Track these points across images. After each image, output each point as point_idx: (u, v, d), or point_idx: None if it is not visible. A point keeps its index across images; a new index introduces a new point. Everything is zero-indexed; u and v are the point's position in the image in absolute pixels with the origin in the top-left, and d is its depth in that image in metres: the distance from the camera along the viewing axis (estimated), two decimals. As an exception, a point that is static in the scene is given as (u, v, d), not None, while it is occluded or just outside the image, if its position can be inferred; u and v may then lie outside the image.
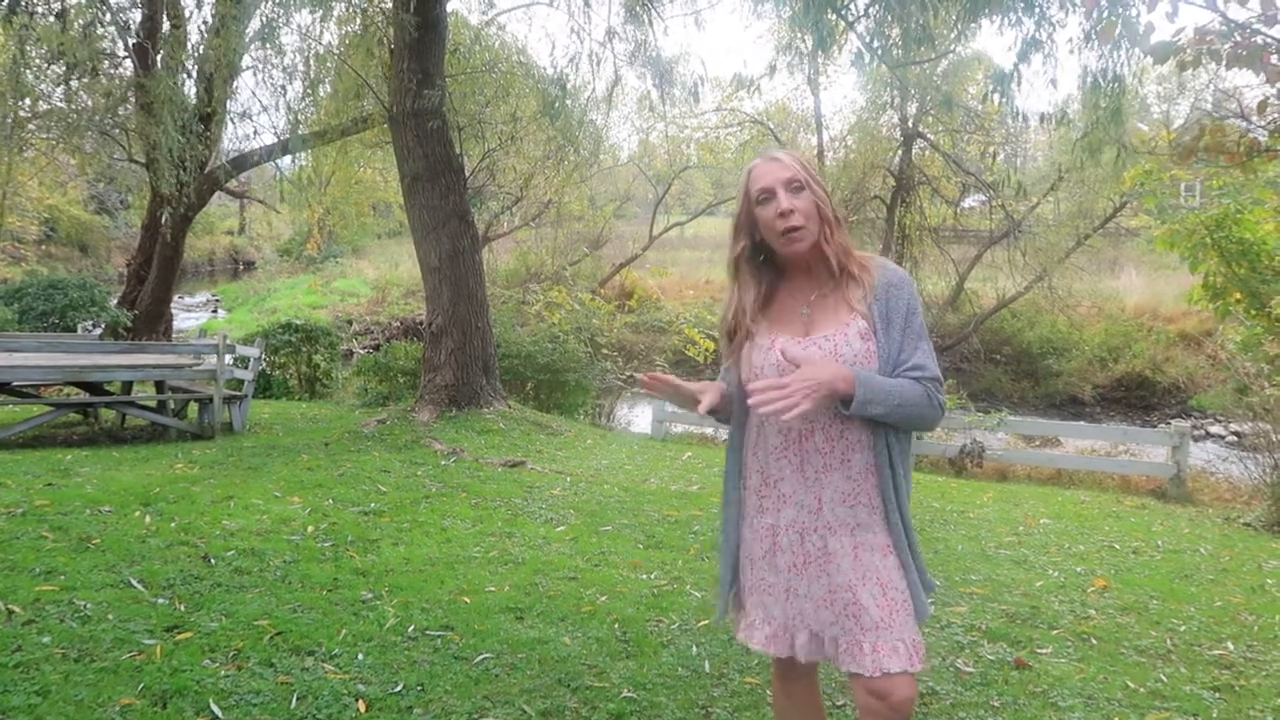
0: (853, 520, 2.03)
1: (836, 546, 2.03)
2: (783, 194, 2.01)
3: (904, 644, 1.96)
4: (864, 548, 2.02)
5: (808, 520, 2.05)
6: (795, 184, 2.01)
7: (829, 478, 2.03)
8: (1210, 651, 3.82)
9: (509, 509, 5.69)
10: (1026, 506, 6.90)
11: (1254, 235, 7.58)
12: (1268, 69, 3.21)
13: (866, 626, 1.98)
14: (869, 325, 2.02)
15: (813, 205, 2.02)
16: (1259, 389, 7.29)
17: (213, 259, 37.54)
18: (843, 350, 2.00)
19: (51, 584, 3.70)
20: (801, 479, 2.05)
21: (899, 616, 1.98)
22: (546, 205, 19.52)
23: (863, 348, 2.00)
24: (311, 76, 9.49)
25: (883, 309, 2.02)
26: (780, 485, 2.08)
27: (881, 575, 2.00)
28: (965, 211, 21.47)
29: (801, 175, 2.02)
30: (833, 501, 2.03)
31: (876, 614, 1.98)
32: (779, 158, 2.06)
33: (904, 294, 2.04)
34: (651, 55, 9.70)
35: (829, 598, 2.03)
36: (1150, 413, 16.46)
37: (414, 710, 2.90)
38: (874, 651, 1.96)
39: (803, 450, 2.05)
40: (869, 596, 1.99)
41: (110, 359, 8.27)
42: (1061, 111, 6.85)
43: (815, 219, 2.02)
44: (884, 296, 2.03)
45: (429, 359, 9.34)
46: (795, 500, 2.06)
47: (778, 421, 2.03)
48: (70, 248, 28.76)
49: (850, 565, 2.01)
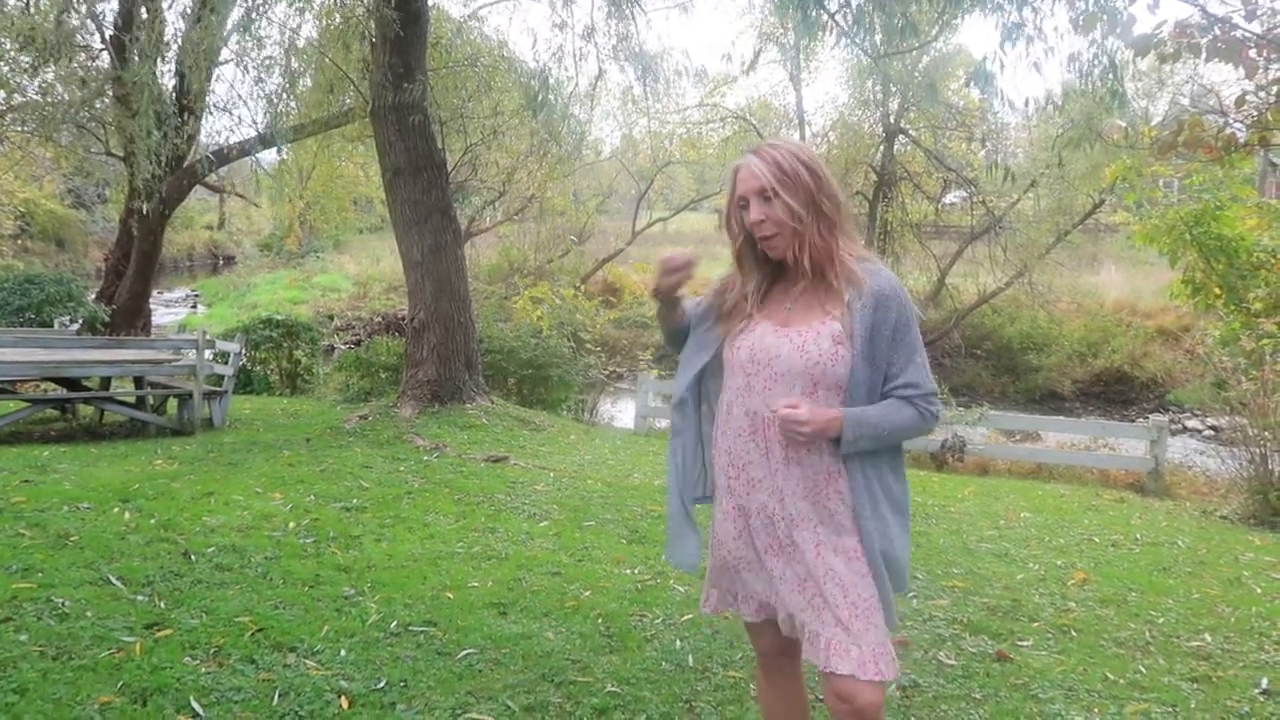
0: (816, 517, 2.02)
1: (800, 539, 2.03)
2: (754, 203, 2.02)
3: (858, 649, 1.93)
4: (826, 546, 2.01)
5: (776, 508, 2.05)
6: (765, 194, 2.00)
7: (790, 470, 2.03)
8: (1188, 643, 3.86)
9: (492, 505, 5.67)
10: (1007, 500, 6.95)
11: (1232, 231, 7.66)
12: (1246, 63, 3.24)
13: (826, 622, 1.98)
14: (845, 331, 1.99)
15: (785, 212, 1.99)
16: (1236, 384, 7.37)
17: (192, 254, 37.15)
18: (810, 348, 2.00)
19: (29, 581, 3.65)
20: (767, 465, 2.06)
21: (858, 623, 1.95)
22: (529, 200, 19.48)
23: (832, 350, 1.99)
24: (292, 70, 9.41)
25: (869, 320, 1.98)
26: (749, 469, 2.09)
27: (844, 578, 1.98)
28: (947, 208, 21.60)
29: (770, 185, 1.99)
30: (795, 494, 2.03)
31: (835, 613, 1.96)
32: (751, 166, 2.03)
33: (894, 306, 1.99)
34: (634, 49, 9.68)
35: (801, 584, 2.03)
36: (1128, 407, 16.62)
37: (397, 706, 2.88)
38: (827, 648, 1.96)
39: (767, 438, 2.06)
40: (831, 594, 1.98)
41: (88, 354, 8.19)
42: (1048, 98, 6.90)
43: (788, 224, 2.00)
44: (872, 306, 1.98)
45: (411, 354, 9.29)
46: (764, 485, 2.06)
47: (747, 402, 2.06)
48: (46, 242, 28.38)
49: (813, 560, 2.01)
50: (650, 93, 10.41)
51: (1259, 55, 3.02)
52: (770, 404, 2.02)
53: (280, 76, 9.26)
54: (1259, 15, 3.55)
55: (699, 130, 22.62)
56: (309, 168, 16.88)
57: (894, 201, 19.90)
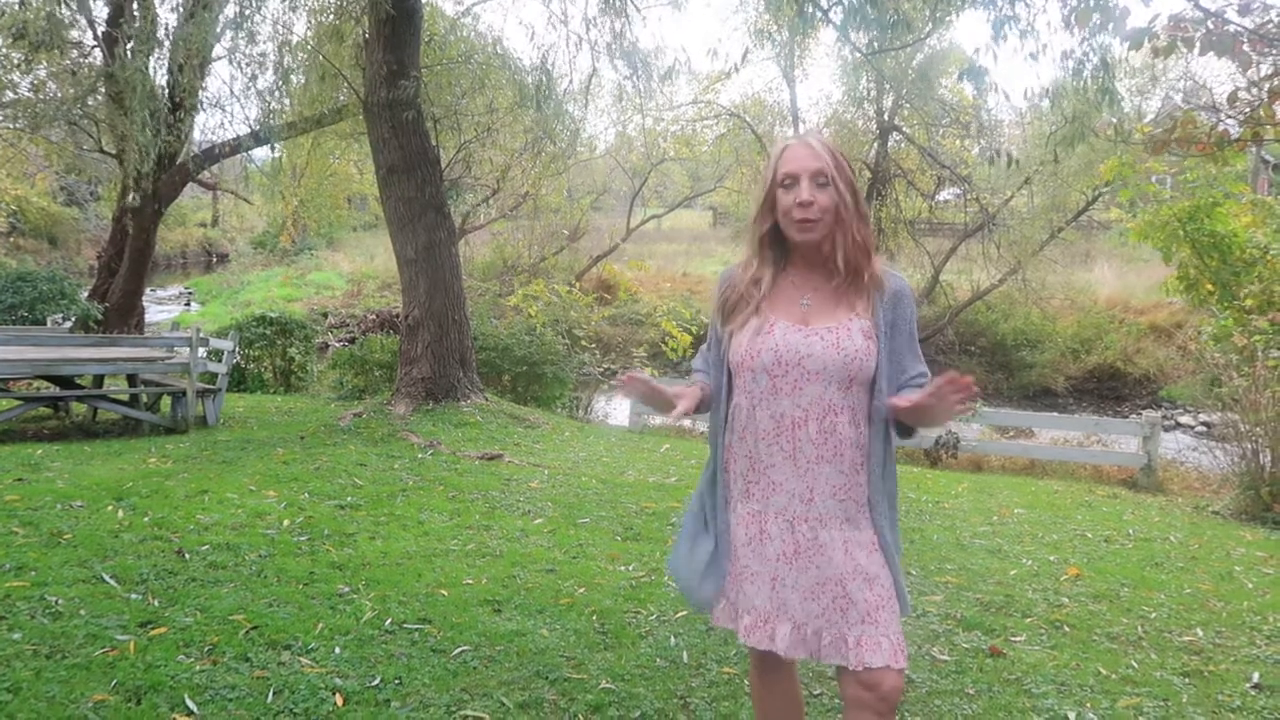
0: (842, 514, 2.04)
1: (827, 539, 2.03)
2: (805, 183, 2.00)
3: (888, 639, 1.97)
4: (853, 544, 2.03)
5: (799, 509, 2.05)
6: (821, 178, 2.00)
7: (821, 469, 2.04)
8: (1180, 638, 3.88)
9: (486, 502, 5.67)
10: (1000, 496, 6.96)
11: (1225, 228, 7.69)
12: (1239, 56, 3.25)
13: (853, 620, 1.99)
14: (872, 327, 2.04)
15: (833, 202, 2.01)
16: (1228, 380, 7.40)
17: (185, 251, 37.08)
18: (845, 344, 2.01)
19: (22, 580, 3.65)
20: (793, 467, 2.05)
21: (884, 613, 1.99)
22: (524, 197, 19.45)
23: (864, 345, 2.02)
24: (285, 67, 9.38)
25: (890, 317, 2.06)
26: (770, 472, 2.08)
27: (868, 571, 2.01)
28: (940, 205, 21.63)
29: (830, 170, 2.00)
30: (824, 494, 2.04)
31: (863, 608, 1.99)
32: (813, 145, 2.04)
33: (908, 304, 2.09)
34: (629, 46, 9.66)
35: (817, 590, 2.03)
36: (1121, 403, 16.67)
37: (392, 704, 2.88)
38: (858, 645, 1.97)
39: (795, 439, 2.04)
40: (857, 591, 2.00)
41: (81, 352, 8.17)
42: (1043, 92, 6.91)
43: (832, 215, 2.02)
44: (892, 305, 2.06)
45: (405, 352, 9.28)
46: (786, 489, 2.06)
47: (772, 406, 2.05)
48: (39, 240, 28.30)
49: (841, 559, 2.02)
50: (644, 90, 10.39)
51: (1252, 50, 3.04)
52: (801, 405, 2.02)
53: (273, 73, 9.24)
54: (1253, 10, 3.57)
55: (693, 127, 22.62)
56: (302, 165, 16.84)
57: (888, 198, 19.92)
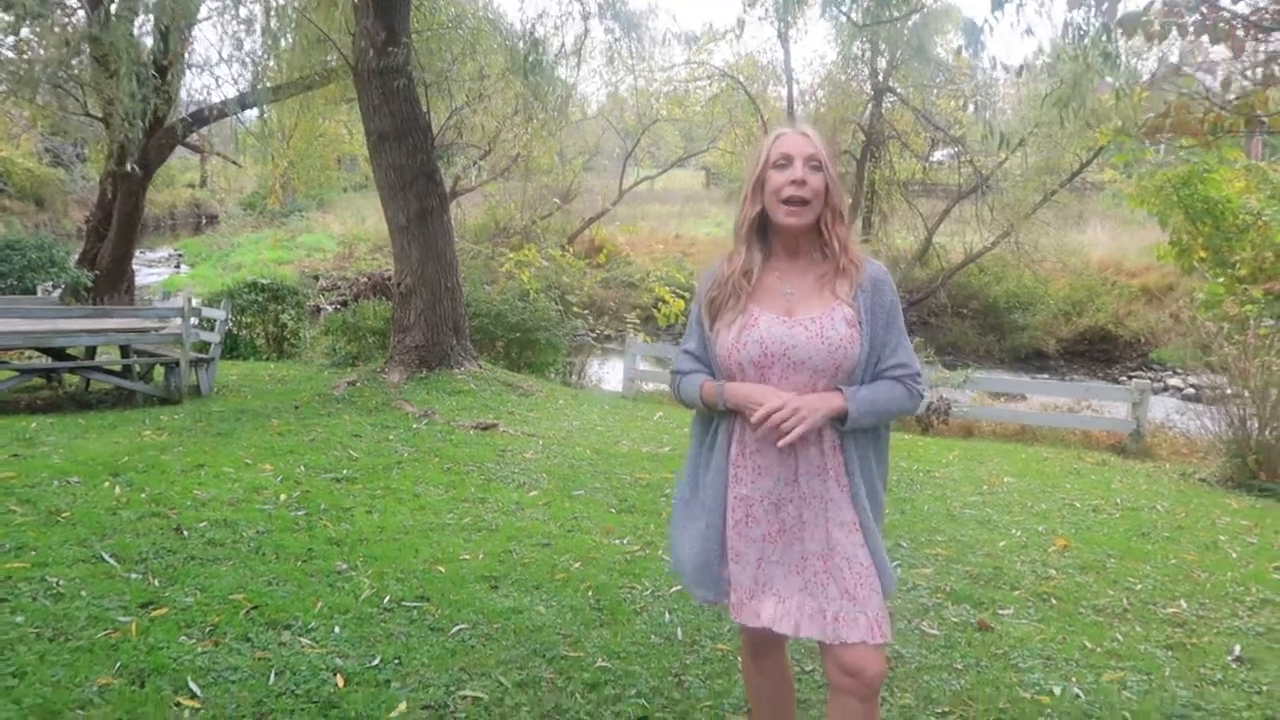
0: (824, 493, 2.09)
1: (810, 518, 2.09)
2: (800, 163, 2.07)
3: (865, 616, 2.03)
4: (833, 521, 2.08)
5: (784, 491, 2.10)
6: (814, 162, 2.07)
7: (804, 450, 2.08)
8: (1164, 610, 3.96)
9: (482, 474, 5.71)
10: (991, 464, 7.04)
11: (1219, 193, 7.69)
12: (1232, 41, 3.24)
13: (832, 596, 2.05)
14: (855, 315, 2.07)
15: (823, 187, 2.07)
16: (1219, 348, 7.44)
17: (174, 213, 36.76)
18: (829, 333, 2.05)
19: (22, 560, 3.67)
20: (780, 453, 2.09)
21: (863, 590, 2.05)
22: (515, 159, 19.28)
23: (848, 333, 2.06)
24: (272, 30, 9.25)
25: (868, 303, 2.09)
26: (757, 456, 2.12)
27: (848, 550, 2.07)
28: (934, 166, 21.53)
29: (822, 157, 2.08)
30: (807, 474, 2.09)
31: (842, 585, 2.05)
32: (808, 133, 2.12)
33: (888, 290, 2.12)
34: (619, 8, 9.55)
35: (799, 564, 2.10)
36: (1112, 365, 16.76)
37: (391, 684, 2.93)
38: (835, 621, 2.04)
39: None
40: (837, 568, 2.06)
41: (73, 324, 8.14)
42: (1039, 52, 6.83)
43: (821, 201, 2.08)
44: (870, 290, 2.10)
45: (398, 319, 9.27)
46: (773, 472, 2.10)
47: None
48: (25, 201, 27.99)
49: (822, 537, 2.08)
50: (635, 51, 10.29)
51: (1246, 36, 3.03)
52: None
53: (261, 35, 9.11)
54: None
55: (686, 88, 22.39)
56: (291, 127, 16.63)
57: (881, 160, 19.82)
